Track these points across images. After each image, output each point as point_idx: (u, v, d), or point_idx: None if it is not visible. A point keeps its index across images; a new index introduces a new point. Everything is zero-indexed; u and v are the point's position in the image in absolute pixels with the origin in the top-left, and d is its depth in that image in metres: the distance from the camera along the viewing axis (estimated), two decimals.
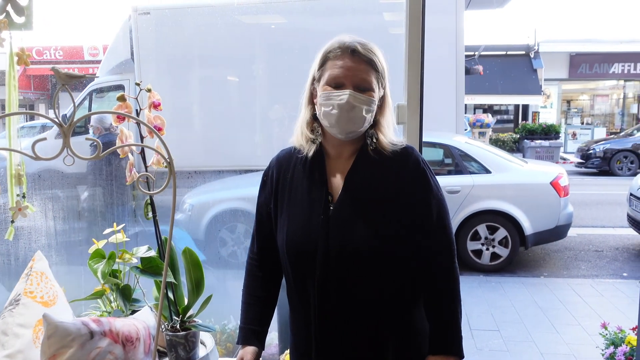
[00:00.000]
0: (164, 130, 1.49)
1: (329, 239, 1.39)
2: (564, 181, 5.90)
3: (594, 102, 21.75)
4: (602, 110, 21.59)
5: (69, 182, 4.52)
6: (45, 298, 1.47)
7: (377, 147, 1.46)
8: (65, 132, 1.09)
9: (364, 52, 1.40)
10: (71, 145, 1.10)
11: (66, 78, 1.09)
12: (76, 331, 1.30)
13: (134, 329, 1.39)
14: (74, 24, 13.20)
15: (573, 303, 4.88)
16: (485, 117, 8.50)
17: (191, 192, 5.33)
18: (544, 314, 4.62)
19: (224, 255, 4.97)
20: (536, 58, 18.33)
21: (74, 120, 1.08)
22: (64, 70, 1.08)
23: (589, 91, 21.55)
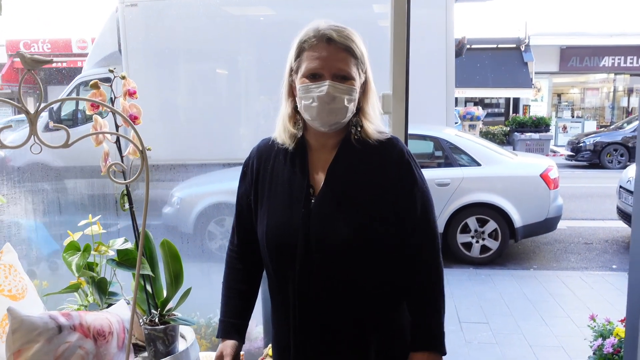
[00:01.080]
0: (140, 119, 1.44)
1: (309, 233, 1.35)
2: (554, 173, 5.90)
3: (584, 95, 21.82)
4: (593, 103, 21.67)
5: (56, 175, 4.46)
6: (13, 291, 1.42)
7: (361, 136, 1.42)
8: (32, 119, 1.05)
9: (341, 39, 1.35)
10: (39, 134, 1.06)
11: (32, 63, 1.04)
12: (43, 325, 1.26)
13: (106, 323, 1.35)
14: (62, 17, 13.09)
15: (562, 295, 4.88)
16: (475, 110, 8.49)
17: (179, 185, 5.29)
18: (533, 306, 4.62)
19: (212, 249, 4.93)
20: (527, 51, 18.34)
21: (40, 107, 1.04)
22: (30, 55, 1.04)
23: (580, 84, 21.61)
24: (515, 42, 18.50)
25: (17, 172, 3.20)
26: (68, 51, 15.00)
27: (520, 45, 18.46)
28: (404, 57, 1.97)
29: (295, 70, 1.40)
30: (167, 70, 6.19)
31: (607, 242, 6.73)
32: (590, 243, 6.69)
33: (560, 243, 6.68)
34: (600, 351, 2.52)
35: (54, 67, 14.62)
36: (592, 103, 21.70)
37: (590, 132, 16.05)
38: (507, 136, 16.16)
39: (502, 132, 16.25)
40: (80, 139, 1.12)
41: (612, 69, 19.81)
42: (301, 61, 1.37)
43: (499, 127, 16.09)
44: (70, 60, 14.17)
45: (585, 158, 13.94)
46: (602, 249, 6.44)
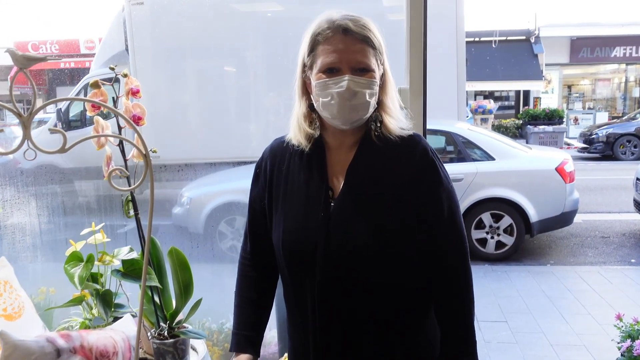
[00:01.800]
0: (144, 119, 1.35)
1: (329, 238, 1.25)
2: (569, 167, 5.77)
3: (595, 86, 21.54)
4: (604, 94, 21.40)
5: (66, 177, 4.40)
6: (9, 310, 1.32)
7: (381, 132, 1.31)
8: (25, 122, 0.96)
9: (358, 29, 1.25)
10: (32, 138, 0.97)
11: (24, 61, 0.96)
12: (39, 350, 1.15)
13: (110, 342, 1.26)
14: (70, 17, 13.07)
15: (581, 291, 4.76)
16: (487, 104, 8.37)
17: (189, 185, 5.23)
18: (553, 303, 4.50)
19: (223, 249, 4.86)
20: (537, 43, 18.13)
21: (34, 109, 0.95)
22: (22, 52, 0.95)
23: (590, 76, 21.34)
24: (524, 33, 18.29)
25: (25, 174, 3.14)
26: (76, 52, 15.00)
27: (530, 37, 18.25)
28: (421, 49, 1.87)
29: (310, 66, 1.30)
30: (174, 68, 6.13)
31: (624, 235, 6.59)
32: (607, 237, 6.55)
33: (577, 237, 6.55)
34: (629, 353, 2.40)
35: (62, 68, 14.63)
36: (603, 94, 21.42)
37: (602, 123, 15.83)
38: (519, 129, 15.95)
39: (514, 125, 16.05)
40: (78, 142, 1.03)
41: (624, 59, 19.54)
42: (316, 56, 1.27)
43: (512, 121, 15.89)
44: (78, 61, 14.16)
45: (598, 150, 13.75)
46: (619, 243, 6.30)
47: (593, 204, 8.00)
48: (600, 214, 7.57)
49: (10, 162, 3.09)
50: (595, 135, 13.91)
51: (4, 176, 2.69)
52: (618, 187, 9.18)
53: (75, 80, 9.88)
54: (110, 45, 6.69)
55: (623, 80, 20.65)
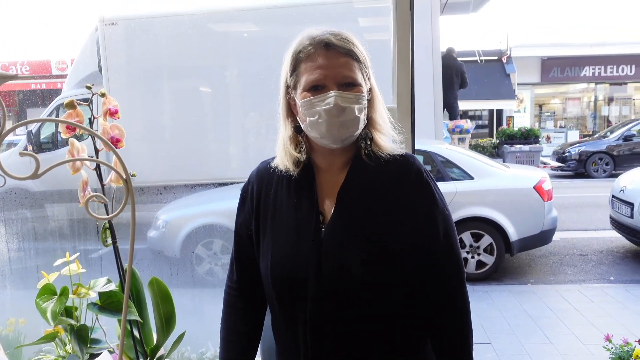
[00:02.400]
0: (123, 141, 1.27)
1: (321, 266, 1.18)
2: (547, 185, 5.79)
3: (565, 105, 21.95)
4: (574, 113, 21.81)
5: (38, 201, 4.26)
6: None
7: (372, 150, 1.25)
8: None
9: (340, 42, 1.19)
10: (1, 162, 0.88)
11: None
12: None
13: None
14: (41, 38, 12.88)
15: (563, 310, 4.74)
16: (464, 123, 8.40)
17: (165, 208, 5.12)
18: (535, 323, 4.47)
19: (200, 273, 4.74)
20: (509, 63, 18.44)
21: (4, 131, 0.87)
22: None
23: (561, 95, 21.75)
24: (497, 54, 18.60)
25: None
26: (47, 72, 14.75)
27: (502, 57, 18.56)
28: (408, 68, 1.83)
29: (293, 86, 1.23)
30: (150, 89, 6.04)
31: (602, 253, 6.63)
32: (585, 254, 6.58)
33: (556, 255, 6.57)
34: None
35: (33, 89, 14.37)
36: (573, 113, 21.83)
37: (574, 141, 16.10)
38: (496, 148, 16.11)
39: (491, 144, 16.22)
40: (53, 167, 0.95)
41: (593, 78, 19.97)
42: (298, 74, 1.21)
43: (488, 140, 16.06)
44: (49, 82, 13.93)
45: (571, 168, 13.95)
46: (598, 261, 6.33)
47: (570, 222, 8.06)
48: (577, 232, 7.62)
49: None
50: (567, 153, 14.13)
51: None
52: (593, 205, 9.28)
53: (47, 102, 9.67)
54: (83, 65, 6.57)
55: (592, 99, 21.09)
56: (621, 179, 6.74)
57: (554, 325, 4.44)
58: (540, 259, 6.46)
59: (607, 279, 5.69)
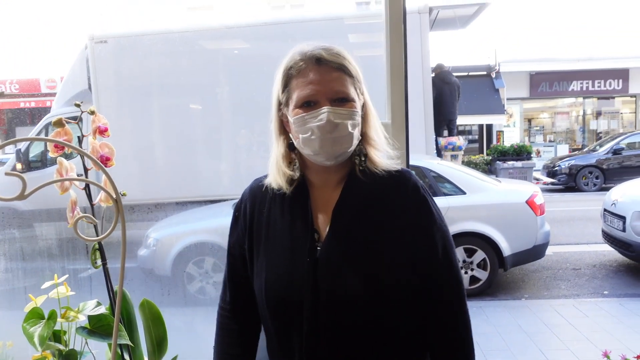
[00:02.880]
0: (113, 160, 1.24)
1: (317, 286, 1.15)
2: (539, 199, 5.79)
3: (554, 119, 22.14)
4: (563, 127, 21.99)
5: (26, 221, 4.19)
6: None
7: (367, 166, 1.23)
8: None
9: (332, 57, 1.18)
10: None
11: None
12: None
13: None
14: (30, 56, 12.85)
15: (558, 325, 4.72)
16: (457, 140, 8.43)
17: (155, 226, 5.07)
18: (531, 338, 4.43)
19: (191, 292, 4.69)
20: (497, 78, 18.57)
21: None
22: None
23: (549, 109, 21.94)
24: (486, 69, 18.74)
25: None
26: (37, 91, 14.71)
27: (491, 72, 18.70)
28: (402, 84, 1.82)
29: (285, 103, 1.21)
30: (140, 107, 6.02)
31: (595, 267, 6.62)
32: (578, 268, 6.57)
33: (549, 270, 6.55)
34: None
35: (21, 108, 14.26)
36: (562, 127, 22.01)
37: (564, 155, 16.19)
38: (489, 165, 16.13)
39: (484, 161, 16.22)
40: (40, 187, 0.92)
41: (581, 93, 20.16)
42: (290, 91, 1.19)
43: (481, 156, 16.07)
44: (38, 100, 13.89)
45: (562, 182, 14.02)
46: (591, 275, 6.32)
47: (562, 236, 8.07)
48: (569, 246, 7.62)
49: None
50: (558, 167, 14.20)
51: None
52: (584, 218, 9.30)
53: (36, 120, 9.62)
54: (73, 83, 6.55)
55: (581, 113, 21.27)
56: (612, 192, 6.76)
57: (549, 340, 4.41)
58: (534, 274, 6.44)
59: (601, 293, 5.68)
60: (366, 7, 9.97)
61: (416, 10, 6.29)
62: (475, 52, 17.68)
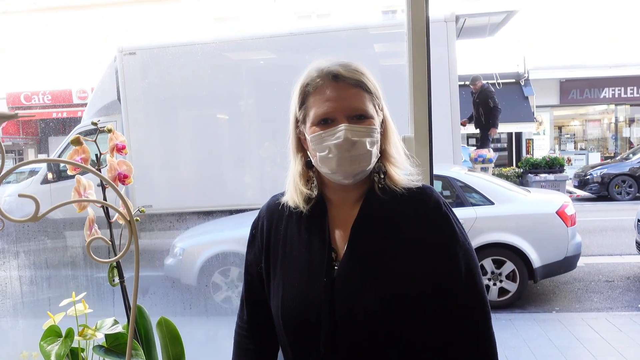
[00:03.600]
0: (130, 177, 1.23)
1: (334, 307, 1.12)
2: (570, 210, 5.66)
3: (585, 127, 21.74)
4: (595, 135, 21.57)
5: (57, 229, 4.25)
6: None
7: (386, 184, 1.20)
8: None
9: (349, 73, 1.15)
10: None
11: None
12: None
13: None
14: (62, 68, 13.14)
15: (591, 340, 4.58)
16: (487, 152, 8.32)
17: (182, 235, 5.11)
18: (561, 353, 4.32)
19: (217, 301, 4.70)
20: (527, 85, 18.31)
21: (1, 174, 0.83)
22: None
23: (580, 116, 21.56)
24: (514, 76, 18.48)
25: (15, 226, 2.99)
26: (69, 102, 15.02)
27: (520, 80, 18.45)
28: (425, 96, 1.78)
29: (302, 120, 1.19)
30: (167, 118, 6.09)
31: (629, 279, 6.44)
32: (611, 281, 6.39)
33: (581, 282, 6.39)
34: None
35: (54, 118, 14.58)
36: (594, 135, 21.60)
37: (596, 164, 15.83)
38: (520, 177, 15.82)
39: (515, 173, 15.91)
40: (54, 209, 0.91)
41: (613, 100, 19.75)
42: (307, 108, 1.17)
43: (512, 169, 15.77)
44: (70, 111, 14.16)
45: (594, 190, 13.70)
46: (625, 287, 6.14)
47: (594, 247, 7.87)
48: (602, 257, 7.42)
49: None
50: (589, 175, 13.90)
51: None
52: (617, 229, 9.07)
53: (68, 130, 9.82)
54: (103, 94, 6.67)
55: (613, 120, 20.84)
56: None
57: (580, 355, 4.29)
58: (565, 286, 6.29)
59: (636, 307, 5.51)
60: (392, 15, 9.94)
61: (442, 19, 6.23)
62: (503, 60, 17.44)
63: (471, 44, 12.54)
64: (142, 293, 2.99)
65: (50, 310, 1.40)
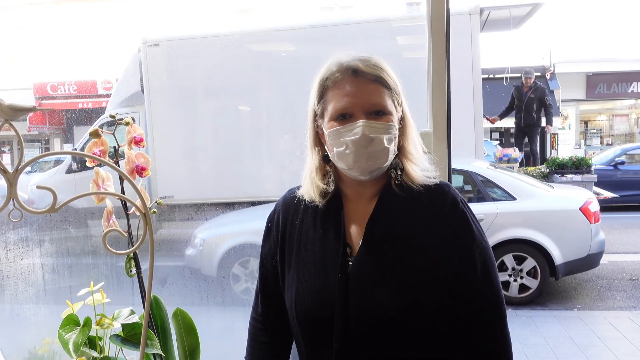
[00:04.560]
0: (148, 170, 1.25)
1: (348, 302, 1.13)
2: (594, 207, 5.57)
3: (612, 122, 21.34)
4: (622, 130, 21.16)
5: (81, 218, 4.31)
6: None
7: (403, 180, 1.19)
8: (11, 180, 0.85)
9: (369, 69, 1.14)
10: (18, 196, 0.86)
11: (10, 112, 0.86)
12: None
13: None
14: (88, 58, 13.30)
15: (612, 339, 4.52)
16: (512, 152, 8.24)
17: (202, 226, 5.15)
18: (582, 352, 4.27)
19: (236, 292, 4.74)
20: (552, 79, 18.03)
21: (21, 165, 0.85)
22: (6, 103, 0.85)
23: (607, 111, 21.17)
24: (540, 70, 18.18)
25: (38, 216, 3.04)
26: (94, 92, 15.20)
27: (546, 73, 18.16)
28: (444, 91, 1.76)
29: (320, 115, 1.19)
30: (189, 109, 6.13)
31: None
32: (635, 279, 6.29)
33: (604, 280, 6.29)
34: None
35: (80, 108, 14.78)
36: (620, 130, 21.18)
37: None
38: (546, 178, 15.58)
39: (541, 174, 15.69)
40: (71, 200, 0.92)
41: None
42: (326, 102, 1.17)
43: (538, 169, 15.54)
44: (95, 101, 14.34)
45: None
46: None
47: (618, 244, 7.74)
48: (626, 255, 7.30)
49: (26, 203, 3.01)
50: None
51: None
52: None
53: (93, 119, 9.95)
54: (127, 85, 6.74)
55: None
56: None
57: (602, 354, 4.24)
58: (587, 283, 6.20)
59: None
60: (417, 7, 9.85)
61: (466, 12, 6.15)
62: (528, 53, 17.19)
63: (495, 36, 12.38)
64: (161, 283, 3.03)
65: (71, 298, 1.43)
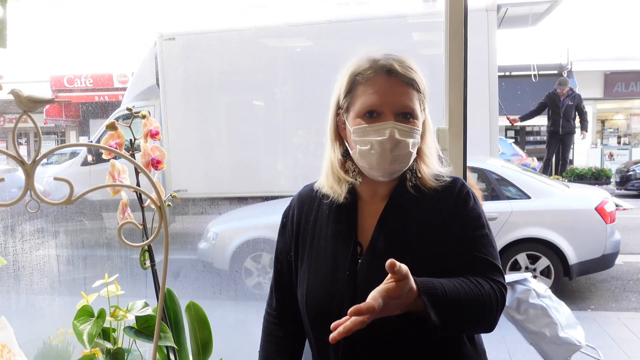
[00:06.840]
0: (163, 163, 1.25)
1: (355, 299, 1.12)
2: (610, 207, 5.51)
3: (630, 121, 21.07)
4: (639, 129, 20.90)
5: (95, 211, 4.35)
6: None
7: (417, 182, 1.19)
8: (28, 171, 0.86)
9: (403, 70, 1.13)
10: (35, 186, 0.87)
11: (29, 103, 0.86)
12: None
13: None
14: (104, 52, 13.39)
15: (626, 340, 4.47)
16: (531, 161, 8.22)
17: (215, 220, 5.17)
18: None
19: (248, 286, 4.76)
20: (569, 77, 17.83)
21: (38, 156, 0.85)
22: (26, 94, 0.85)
23: (625, 110, 20.90)
24: (557, 68, 18.01)
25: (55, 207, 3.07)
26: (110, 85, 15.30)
27: (563, 72, 17.98)
28: (461, 88, 1.75)
29: (346, 109, 1.18)
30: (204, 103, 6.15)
31: None
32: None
33: (618, 280, 6.23)
34: None
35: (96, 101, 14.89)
36: (638, 129, 20.92)
37: (639, 159, 15.37)
38: None
39: None
40: (87, 192, 0.93)
41: None
42: (354, 97, 1.15)
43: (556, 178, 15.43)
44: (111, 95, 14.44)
45: (636, 187, 13.31)
46: None
47: (634, 245, 7.66)
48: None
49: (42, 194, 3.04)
50: (632, 171, 13.50)
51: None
52: None
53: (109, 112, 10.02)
54: (142, 79, 6.77)
55: None
56: None
57: (616, 355, 4.19)
58: (602, 284, 6.14)
59: None
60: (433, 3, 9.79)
61: (483, 8, 6.10)
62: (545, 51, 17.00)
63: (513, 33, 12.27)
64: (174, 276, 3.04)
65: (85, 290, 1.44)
